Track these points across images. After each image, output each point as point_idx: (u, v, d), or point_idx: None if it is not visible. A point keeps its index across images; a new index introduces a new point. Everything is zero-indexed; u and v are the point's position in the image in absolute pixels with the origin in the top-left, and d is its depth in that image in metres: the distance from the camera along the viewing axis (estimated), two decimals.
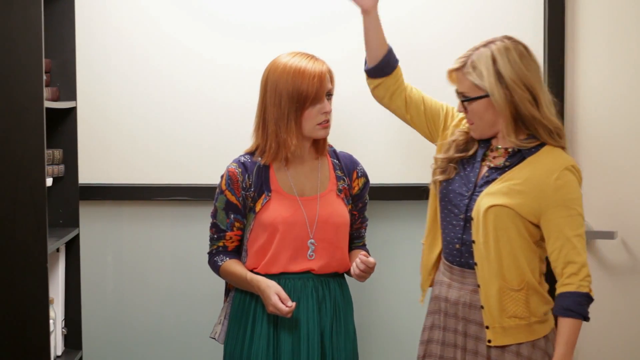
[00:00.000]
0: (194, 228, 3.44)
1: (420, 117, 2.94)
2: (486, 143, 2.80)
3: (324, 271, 2.90)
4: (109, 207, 3.45)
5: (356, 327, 3.04)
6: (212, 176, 3.37)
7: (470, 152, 2.81)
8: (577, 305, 2.66)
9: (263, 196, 2.88)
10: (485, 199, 2.70)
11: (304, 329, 2.86)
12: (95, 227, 3.44)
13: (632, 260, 3.51)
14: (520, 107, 2.67)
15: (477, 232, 2.70)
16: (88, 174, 3.37)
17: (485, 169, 2.77)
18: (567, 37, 3.44)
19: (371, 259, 2.82)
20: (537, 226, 2.70)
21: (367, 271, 2.83)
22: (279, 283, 2.86)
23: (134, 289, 3.49)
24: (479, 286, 2.71)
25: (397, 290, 3.50)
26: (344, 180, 2.96)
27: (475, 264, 2.71)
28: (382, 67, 2.92)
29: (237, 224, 2.92)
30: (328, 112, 2.88)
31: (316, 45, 3.35)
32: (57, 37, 3.11)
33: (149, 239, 3.48)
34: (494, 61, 2.68)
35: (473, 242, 2.72)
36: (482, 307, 2.70)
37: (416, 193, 3.39)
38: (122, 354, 3.49)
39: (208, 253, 2.99)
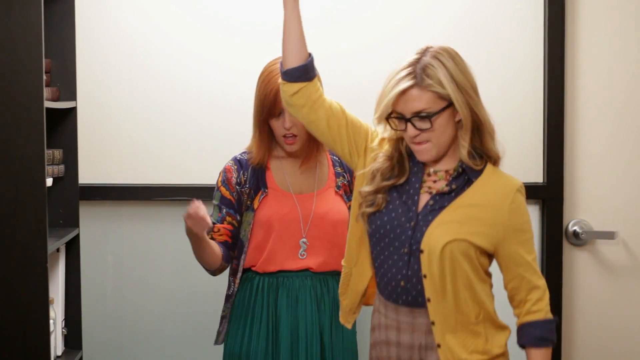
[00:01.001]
0: None
1: (341, 133, 2.56)
2: (420, 167, 2.50)
3: (322, 269, 2.90)
4: (109, 207, 3.45)
5: (357, 326, 3.03)
6: (212, 176, 3.36)
7: (403, 179, 2.50)
8: (550, 333, 2.49)
9: (260, 193, 2.89)
10: (439, 230, 2.41)
11: (302, 327, 2.86)
12: (95, 227, 3.44)
13: (632, 260, 3.51)
14: (477, 113, 2.43)
15: (430, 266, 2.41)
16: (88, 174, 3.37)
17: (427, 196, 2.47)
18: (567, 37, 3.44)
19: None
20: (489, 255, 2.50)
21: None
22: (277, 281, 2.88)
23: (134, 289, 3.49)
24: (433, 323, 2.45)
25: None
26: (343, 177, 2.95)
27: (428, 299, 2.43)
28: (307, 68, 2.52)
29: (228, 218, 2.91)
30: (287, 128, 2.83)
31: (315, 44, 3.35)
32: (57, 37, 3.11)
33: (149, 239, 3.48)
34: (445, 67, 2.43)
35: (424, 276, 2.43)
36: (438, 345, 2.45)
37: None
38: (122, 354, 3.49)
39: None
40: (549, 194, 3.45)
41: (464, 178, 2.46)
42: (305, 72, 2.52)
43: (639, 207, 3.51)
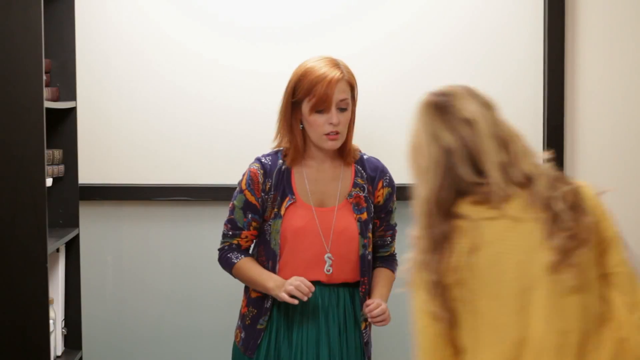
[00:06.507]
0: (194, 228, 3.43)
1: None
2: None
3: (331, 281, 2.87)
4: (109, 207, 3.45)
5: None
6: (212, 176, 3.37)
7: None
8: None
9: (287, 199, 2.83)
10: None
11: (307, 335, 2.84)
12: (95, 227, 3.44)
13: (632, 260, 3.50)
14: None
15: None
16: (88, 174, 3.36)
17: None
18: (567, 37, 3.44)
19: (374, 310, 2.78)
20: None
21: (380, 317, 2.80)
22: None
23: (134, 289, 3.48)
24: None
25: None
26: (362, 189, 2.88)
27: None
28: None
29: (254, 224, 2.86)
30: (335, 124, 2.78)
31: (327, 43, 3.35)
32: (57, 37, 3.10)
33: (149, 239, 3.47)
34: None
35: None
36: None
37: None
38: (122, 354, 3.49)
39: (219, 249, 2.93)
40: None
41: None
42: None
43: (639, 207, 3.51)
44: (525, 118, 3.46)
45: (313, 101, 2.77)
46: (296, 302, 2.73)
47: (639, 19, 3.46)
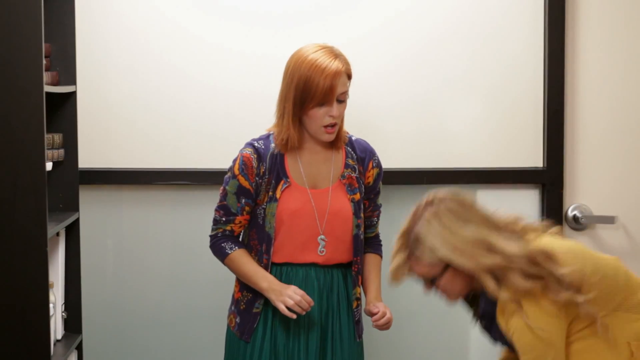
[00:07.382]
0: (194, 212, 3.44)
1: None
2: None
3: (327, 263, 2.89)
4: (109, 191, 3.45)
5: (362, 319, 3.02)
6: (212, 161, 3.37)
7: None
8: None
9: (282, 182, 2.85)
10: None
11: (303, 316, 2.85)
12: (95, 211, 3.44)
13: (632, 245, 3.51)
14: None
15: None
16: (88, 158, 3.36)
17: None
18: (567, 21, 3.44)
19: (380, 320, 2.83)
20: None
21: (385, 326, 2.85)
22: (281, 272, 2.86)
23: (134, 273, 3.49)
24: None
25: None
26: (353, 170, 2.91)
27: None
28: None
29: (247, 208, 2.87)
30: (334, 117, 2.80)
31: (327, 27, 3.35)
32: (57, 22, 3.10)
33: (149, 223, 3.48)
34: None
35: None
36: None
37: (417, 177, 3.41)
38: (121, 338, 3.50)
39: (211, 236, 2.94)
40: (548, 178, 3.45)
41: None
42: None
43: (639, 191, 3.51)
44: (525, 102, 3.46)
45: (317, 96, 2.77)
46: (294, 316, 2.76)
47: (639, 16, 3.47)
